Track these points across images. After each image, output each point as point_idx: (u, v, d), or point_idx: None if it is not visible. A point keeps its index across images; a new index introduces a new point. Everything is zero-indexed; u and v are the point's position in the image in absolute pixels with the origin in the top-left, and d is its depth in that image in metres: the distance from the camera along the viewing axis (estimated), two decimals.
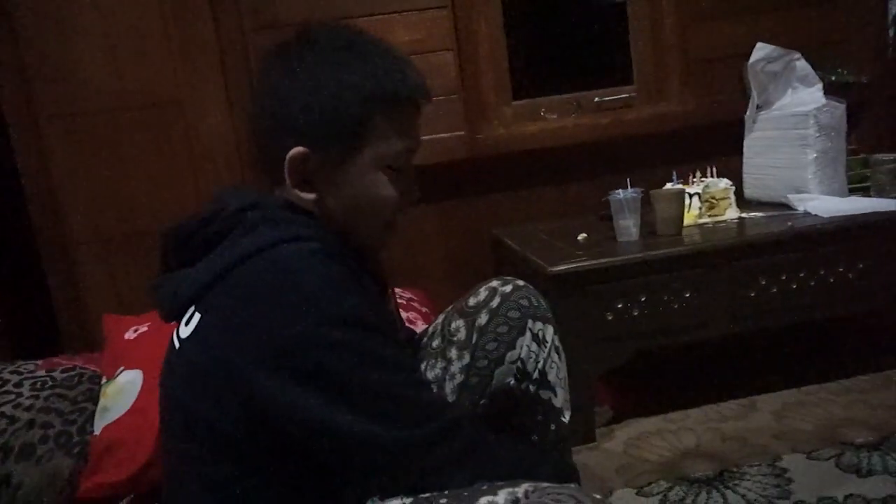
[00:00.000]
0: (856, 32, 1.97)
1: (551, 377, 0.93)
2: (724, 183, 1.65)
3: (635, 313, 1.43)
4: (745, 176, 1.77)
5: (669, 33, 1.97)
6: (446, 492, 0.71)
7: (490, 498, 0.67)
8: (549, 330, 0.93)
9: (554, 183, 1.99)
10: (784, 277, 1.46)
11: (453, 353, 0.91)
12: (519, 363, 0.90)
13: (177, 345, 0.78)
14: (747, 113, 1.75)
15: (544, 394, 0.93)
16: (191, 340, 0.75)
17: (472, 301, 0.92)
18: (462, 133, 1.88)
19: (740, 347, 1.81)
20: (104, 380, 1.17)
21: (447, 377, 0.91)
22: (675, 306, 1.44)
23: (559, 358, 0.95)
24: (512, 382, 0.90)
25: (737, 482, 1.26)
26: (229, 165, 1.83)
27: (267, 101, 0.79)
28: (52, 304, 1.76)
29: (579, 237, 1.63)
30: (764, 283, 1.46)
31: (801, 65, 1.62)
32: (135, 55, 1.73)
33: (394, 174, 0.80)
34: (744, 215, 1.64)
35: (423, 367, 0.93)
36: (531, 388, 0.92)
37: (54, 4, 1.67)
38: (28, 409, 1.10)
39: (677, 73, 1.98)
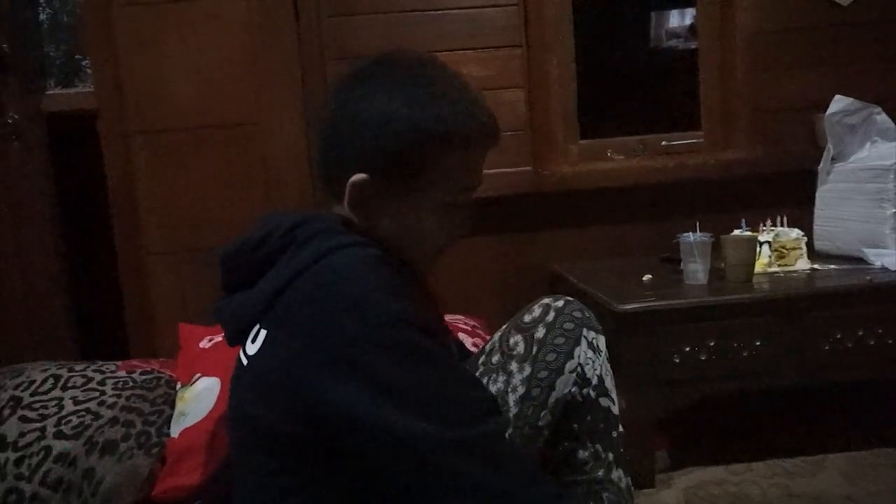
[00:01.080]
0: None
1: (608, 384, 0.96)
2: (796, 233, 1.63)
3: (703, 357, 1.40)
4: (815, 227, 1.75)
5: (739, 82, 1.98)
6: None
7: None
8: (602, 340, 0.96)
9: (615, 223, 1.99)
10: (860, 333, 1.42)
11: (514, 366, 0.92)
12: (578, 369, 0.92)
13: (244, 361, 0.81)
14: (821, 164, 1.73)
15: (604, 401, 0.95)
16: (258, 356, 0.77)
17: (527, 318, 0.95)
18: (528, 168, 1.90)
19: (810, 401, 1.75)
20: (179, 385, 1.20)
21: (509, 390, 0.92)
22: (745, 353, 1.41)
23: (610, 368, 0.98)
24: (573, 390, 0.93)
25: None
26: (301, 187, 1.88)
27: (339, 122, 0.81)
28: (123, 311, 1.82)
29: (644, 278, 1.62)
30: (839, 336, 1.42)
31: (882, 118, 1.60)
32: (219, 79, 1.81)
33: (451, 210, 0.83)
34: (816, 266, 1.60)
35: (485, 379, 0.93)
36: (592, 393, 0.94)
37: (152, 30, 1.77)
38: (111, 406, 1.14)
39: (745, 120, 1.98)
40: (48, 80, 1.87)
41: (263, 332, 0.77)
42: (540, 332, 0.93)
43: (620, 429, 0.98)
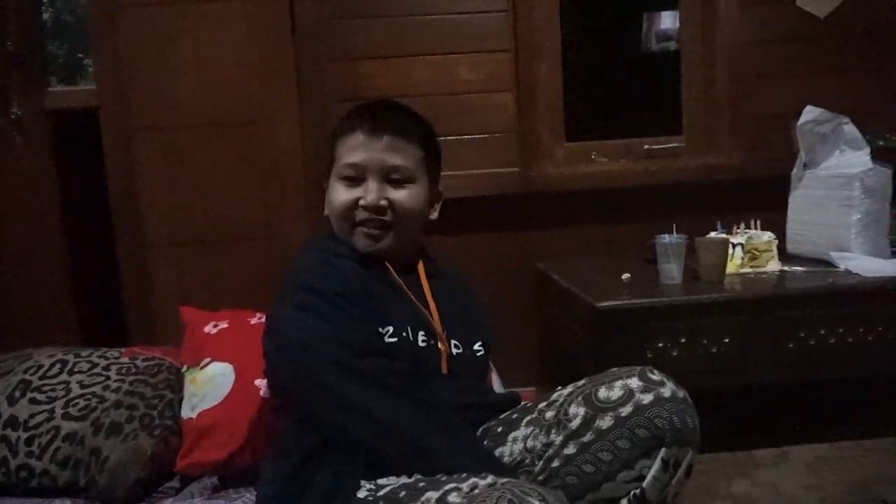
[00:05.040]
0: None
1: (673, 501, 0.86)
2: (768, 236, 1.71)
3: (675, 353, 1.48)
4: (788, 231, 1.83)
5: (721, 88, 2.05)
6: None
7: (454, 485, 0.77)
8: (688, 455, 0.84)
9: (600, 223, 2.07)
10: (823, 332, 1.50)
11: (559, 438, 0.86)
12: (637, 491, 0.82)
13: None
14: (794, 171, 1.81)
15: None
16: None
17: (602, 393, 0.85)
18: (516, 169, 1.97)
19: (776, 397, 1.83)
20: (185, 368, 1.27)
21: (545, 456, 0.87)
22: (714, 350, 1.49)
23: (686, 479, 0.86)
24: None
25: None
26: (295, 181, 1.94)
27: None
28: (123, 301, 1.88)
29: (623, 277, 1.69)
30: (803, 335, 1.50)
31: (850, 129, 1.68)
32: (220, 78, 1.86)
33: (348, 183, 1.05)
34: (785, 268, 1.69)
35: (527, 429, 0.92)
36: None
37: (155, 30, 1.82)
38: (115, 391, 1.21)
39: (726, 126, 2.06)
40: (51, 77, 1.93)
41: None
42: (605, 422, 0.83)
43: None
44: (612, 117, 2.23)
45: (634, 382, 0.85)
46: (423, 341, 1.02)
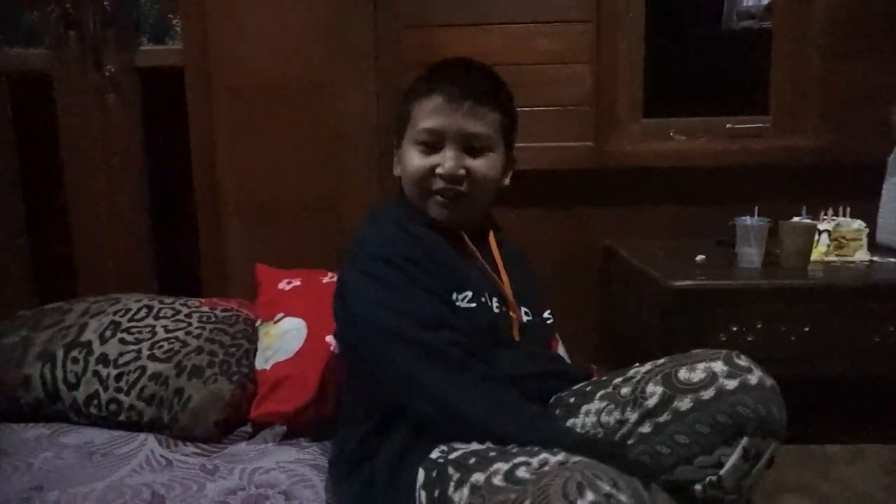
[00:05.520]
0: None
1: (748, 490, 0.83)
2: (858, 224, 1.62)
3: (749, 338, 1.44)
4: (880, 220, 1.73)
5: (813, 68, 1.94)
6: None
7: (524, 458, 0.75)
8: (771, 447, 0.80)
9: (674, 204, 2.01)
10: None
11: (634, 416, 0.84)
12: (713, 477, 0.80)
13: None
14: (891, 157, 1.71)
15: None
16: None
17: (683, 374, 0.82)
18: (590, 144, 1.93)
19: (854, 392, 1.75)
20: (259, 322, 1.32)
21: (620, 433, 0.85)
22: (792, 338, 1.44)
23: (766, 469, 0.83)
24: (699, 488, 0.80)
25: None
26: (367, 150, 1.95)
27: None
28: (200, 262, 1.95)
29: (697, 258, 1.64)
30: (891, 329, 1.42)
31: None
32: (299, 42, 1.88)
33: (425, 149, 1.01)
34: (875, 259, 1.60)
35: (601, 403, 0.90)
36: (727, 496, 0.81)
37: None
38: (197, 336, 1.27)
39: (816, 108, 1.95)
40: (142, 36, 2.00)
41: None
42: (684, 404, 0.80)
43: None
44: (693, 95, 2.15)
45: (719, 366, 0.82)
46: (497, 308, 1.02)
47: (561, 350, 1.45)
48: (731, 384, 0.80)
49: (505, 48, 1.92)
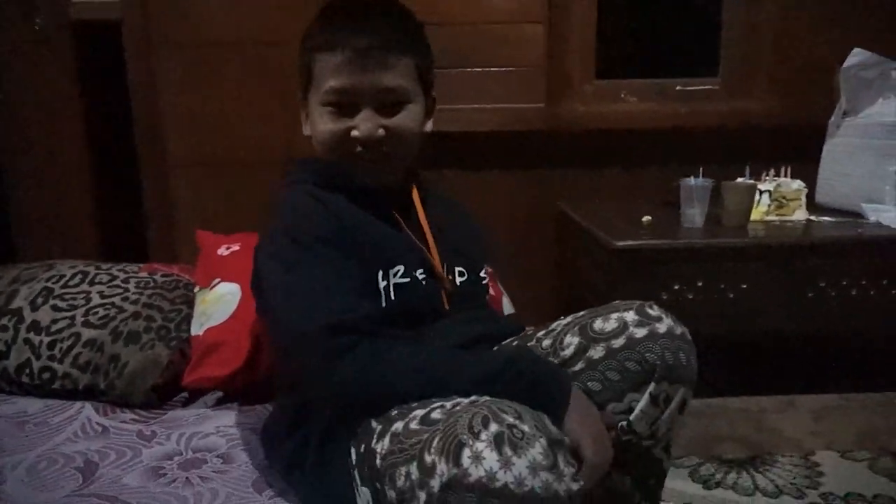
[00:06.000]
0: None
1: (665, 436, 0.87)
2: (797, 184, 1.66)
3: (690, 296, 1.47)
4: (819, 180, 1.77)
5: (763, 32, 1.95)
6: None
7: (440, 403, 0.74)
8: (679, 392, 0.83)
9: (625, 164, 2.02)
10: (844, 283, 1.47)
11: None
12: (625, 423, 0.83)
13: None
14: (832, 118, 1.74)
15: (657, 452, 0.89)
16: None
17: (598, 324, 0.85)
18: (541, 105, 1.92)
19: (790, 346, 1.82)
20: (197, 288, 1.30)
21: None
22: (731, 295, 1.47)
23: (680, 415, 0.86)
24: (613, 435, 0.81)
25: (768, 468, 1.31)
26: None
27: None
28: (144, 220, 1.90)
29: (644, 219, 1.66)
30: (823, 285, 1.47)
31: None
32: None
33: (335, 111, 0.92)
34: (813, 218, 1.64)
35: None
36: (643, 442, 0.86)
37: None
38: (134, 302, 1.24)
39: (766, 71, 1.97)
40: None
41: None
42: (597, 353, 0.84)
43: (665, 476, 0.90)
44: (646, 56, 2.15)
45: (630, 316, 0.84)
46: (423, 279, 0.95)
47: (505, 301, 1.47)
48: (641, 332, 0.83)
49: (457, 7, 1.88)
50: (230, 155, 1.88)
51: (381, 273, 0.91)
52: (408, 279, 0.93)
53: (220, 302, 1.20)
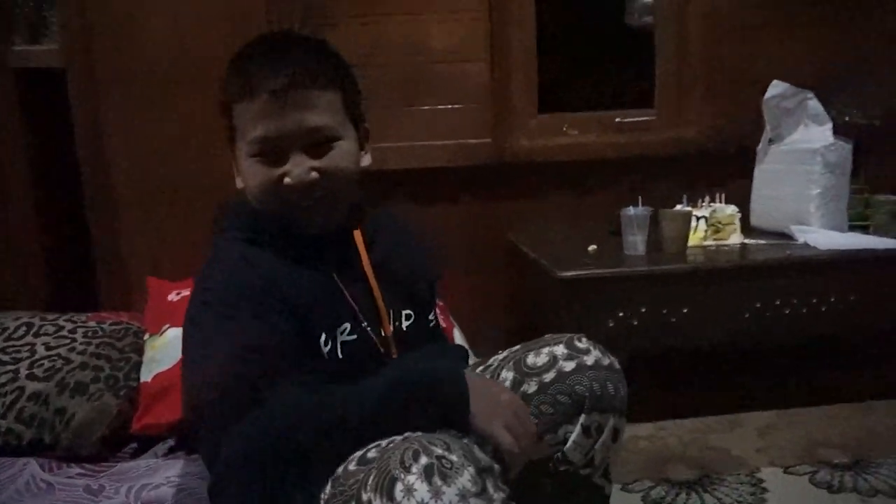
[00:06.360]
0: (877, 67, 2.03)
1: (602, 463, 0.89)
2: (731, 209, 1.75)
3: (635, 322, 1.53)
4: (752, 204, 1.87)
5: (693, 62, 2.07)
6: None
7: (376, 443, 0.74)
8: (610, 421, 0.86)
9: (571, 195, 2.08)
10: (778, 302, 1.55)
11: None
12: (560, 454, 0.86)
13: None
14: (759, 145, 1.85)
15: (597, 479, 0.90)
16: None
17: (530, 359, 0.88)
18: (488, 140, 1.98)
19: (731, 365, 1.90)
20: (147, 335, 1.29)
21: None
22: (673, 319, 1.53)
23: (614, 443, 0.89)
24: (550, 466, 0.86)
25: (715, 487, 1.36)
26: None
27: None
28: (93, 260, 1.86)
29: (589, 248, 1.72)
30: (759, 305, 1.55)
31: (813, 104, 1.71)
32: (192, 29, 1.79)
33: (263, 160, 0.87)
34: (747, 241, 1.73)
35: None
36: (581, 471, 0.88)
37: None
38: (81, 353, 1.22)
39: (697, 100, 2.07)
40: (15, 36, 1.87)
41: None
42: (530, 387, 0.86)
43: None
44: (587, 90, 2.24)
45: (560, 350, 0.87)
46: (368, 330, 0.91)
47: (457, 333, 1.49)
48: (570, 366, 0.86)
49: (403, 47, 1.94)
50: (179, 194, 1.85)
51: (324, 336, 0.87)
52: (354, 336, 0.90)
53: (169, 346, 1.20)
